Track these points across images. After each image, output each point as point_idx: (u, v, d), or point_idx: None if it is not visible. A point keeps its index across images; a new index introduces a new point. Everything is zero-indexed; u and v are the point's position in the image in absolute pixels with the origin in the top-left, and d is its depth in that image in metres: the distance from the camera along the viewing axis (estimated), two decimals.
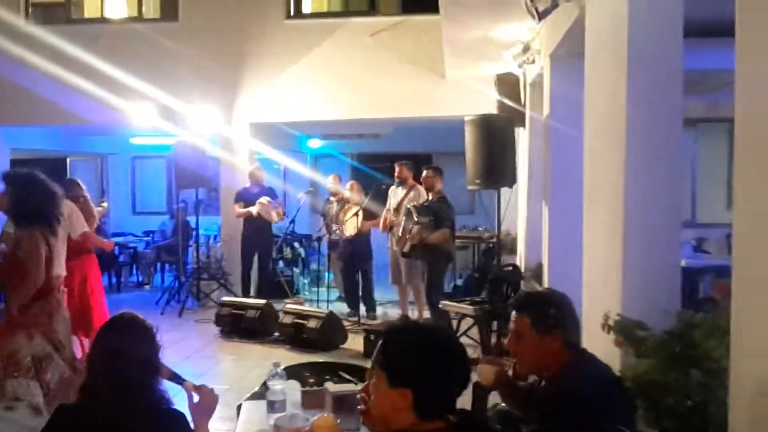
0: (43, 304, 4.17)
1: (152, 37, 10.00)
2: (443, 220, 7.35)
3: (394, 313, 8.78)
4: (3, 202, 4.19)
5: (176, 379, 2.67)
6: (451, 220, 7.45)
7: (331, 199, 9.26)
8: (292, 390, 3.15)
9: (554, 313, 2.60)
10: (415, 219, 7.31)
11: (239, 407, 3.21)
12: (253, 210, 9.16)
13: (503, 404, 3.02)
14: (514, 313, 2.68)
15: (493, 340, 6.44)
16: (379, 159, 12.94)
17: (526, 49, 6.44)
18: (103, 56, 9.63)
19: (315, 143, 13.63)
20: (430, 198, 7.67)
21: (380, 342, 2.02)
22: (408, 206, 7.60)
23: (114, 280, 11.23)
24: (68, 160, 14.03)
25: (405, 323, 2.35)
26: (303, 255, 11.24)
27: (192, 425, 2.50)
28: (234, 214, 9.46)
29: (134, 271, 12.15)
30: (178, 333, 7.92)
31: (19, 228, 4.13)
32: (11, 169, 4.74)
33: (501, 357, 6.21)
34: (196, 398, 2.61)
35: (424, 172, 7.73)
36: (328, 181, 9.48)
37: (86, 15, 10.84)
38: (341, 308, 8.76)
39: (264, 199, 9.19)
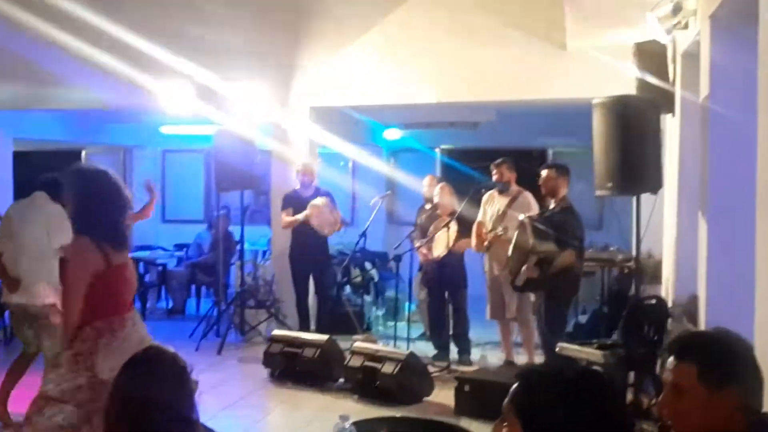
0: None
1: (189, 3, 10.23)
2: (569, 237, 7.25)
3: (495, 356, 8.72)
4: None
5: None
6: (578, 238, 7.35)
7: (427, 207, 9.26)
8: None
9: (731, 362, 2.49)
10: (531, 242, 7.20)
11: None
12: (300, 216, 9.27)
13: None
14: (672, 359, 2.58)
15: (629, 397, 6.32)
16: (478, 155, 12.87)
17: (677, 9, 6.30)
18: (127, 24, 9.90)
19: (394, 134, 13.69)
20: (552, 207, 7.58)
21: (516, 385, 2.05)
22: (523, 218, 7.50)
23: (138, 305, 11.53)
24: (84, 152, 14.53)
25: (550, 365, 2.32)
26: (376, 279, 11.28)
27: None
28: (282, 221, 9.62)
29: (163, 295, 12.47)
30: (217, 375, 8.05)
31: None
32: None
33: (641, 420, 6.09)
34: None
35: (544, 173, 7.63)
36: (424, 184, 9.49)
37: None
38: (426, 349, 8.79)
39: (319, 201, 9.26)
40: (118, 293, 4.30)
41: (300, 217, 9.26)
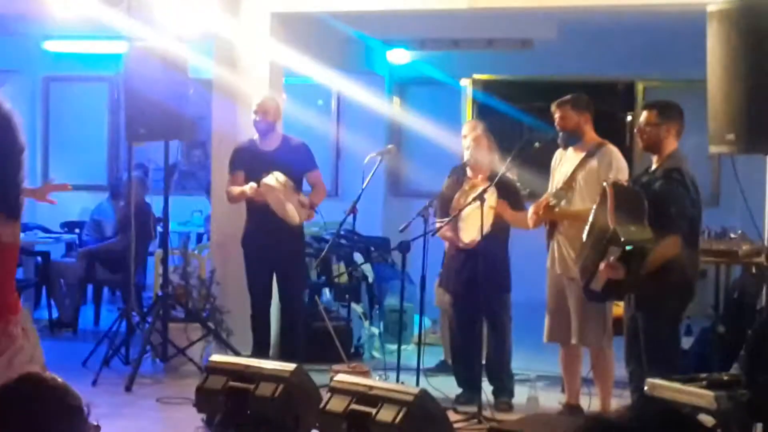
0: None
1: None
2: (674, 216, 7.25)
3: (551, 398, 8.76)
4: None
5: None
6: (689, 217, 7.33)
7: (468, 171, 9.12)
8: None
9: None
10: (617, 222, 7.19)
11: None
12: (246, 189, 9.29)
13: None
14: None
15: None
16: (530, 90, 12.92)
17: None
18: None
19: (401, 57, 13.71)
20: (652, 170, 7.57)
21: None
22: (606, 184, 7.48)
23: None
24: None
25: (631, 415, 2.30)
26: (371, 279, 11.31)
27: None
28: (226, 193, 9.67)
29: (43, 300, 12.46)
30: (125, 422, 8.08)
31: None
32: None
33: None
34: None
35: (643, 116, 7.59)
36: (463, 133, 9.40)
37: None
38: (447, 386, 8.83)
39: (273, 179, 9.18)
40: (4, 284, 4.31)
41: (247, 190, 9.27)
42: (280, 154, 9.40)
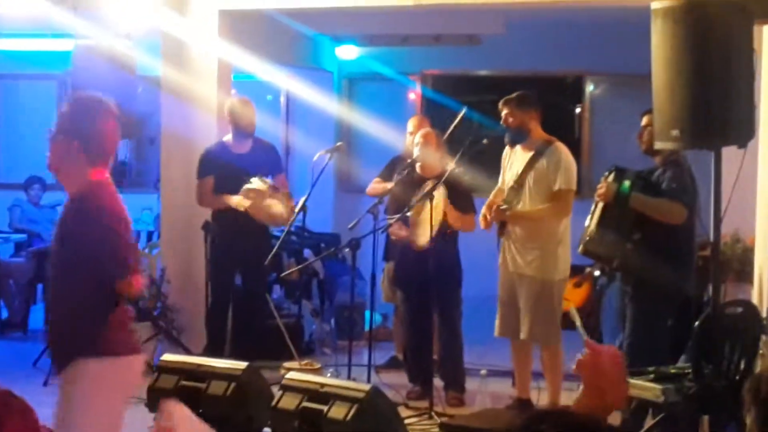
0: None
1: None
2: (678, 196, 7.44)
3: (501, 391, 8.84)
4: None
5: None
6: (689, 205, 7.48)
7: (410, 161, 9.13)
8: None
9: None
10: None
11: None
12: (234, 201, 9.30)
13: None
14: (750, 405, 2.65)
15: None
16: (479, 85, 12.97)
17: None
18: None
19: (349, 53, 13.73)
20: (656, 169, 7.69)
21: None
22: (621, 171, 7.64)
23: None
24: None
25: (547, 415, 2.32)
26: (321, 275, 11.33)
27: None
28: (198, 197, 9.70)
29: None
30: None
31: None
32: None
33: None
34: None
35: (644, 120, 7.68)
36: (408, 129, 9.43)
37: None
38: (398, 382, 8.91)
39: (260, 183, 9.24)
40: None
41: (233, 202, 9.30)
42: (252, 157, 9.50)
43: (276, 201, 9.28)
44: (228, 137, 9.73)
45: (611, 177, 7.62)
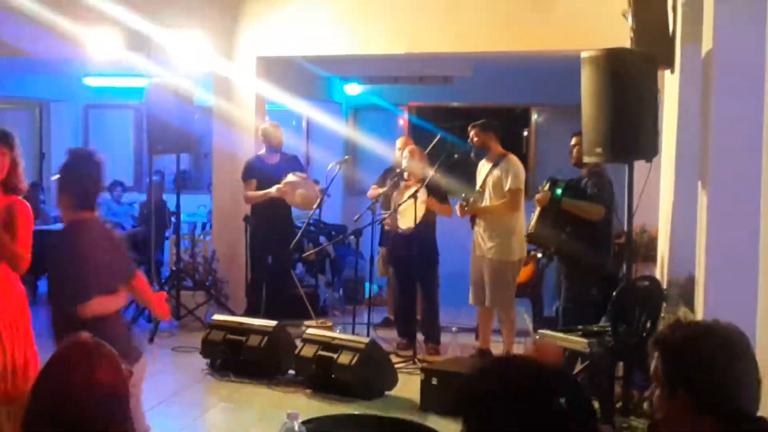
0: None
1: None
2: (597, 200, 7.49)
3: (468, 343, 8.80)
4: None
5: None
6: (607, 205, 7.51)
7: (405, 174, 9.09)
8: None
9: (691, 363, 2.53)
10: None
11: None
12: (273, 190, 9.29)
13: None
14: (657, 354, 2.63)
15: (617, 390, 6.41)
16: (451, 114, 12.95)
17: None
18: None
19: (354, 89, 13.69)
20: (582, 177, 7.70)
21: (461, 386, 2.11)
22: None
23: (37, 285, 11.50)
24: None
25: (498, 361, 2.29)
26: (332, 255, 11.31)
27: None
28: (244, 197, 9.67)
29: None
30: (149, 367, 8.03)
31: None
32: None
33: (629, 417, 6.18)
34: None
35: (574, 140, 7.67)
36: (396, 147, 9.43)
37: None
38: (389, 337, 8.88)
39: (294, 177, 9.26)
40: None
41: (273, 191, 9.29)
42: (280, 165, 9.48)
43: (305, 190, 9.30)
44: (262, 151, 9.72)
45: (546, 186, 7.68)
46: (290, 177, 9.30)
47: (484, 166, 8.50)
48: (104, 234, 4.96)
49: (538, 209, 7.71)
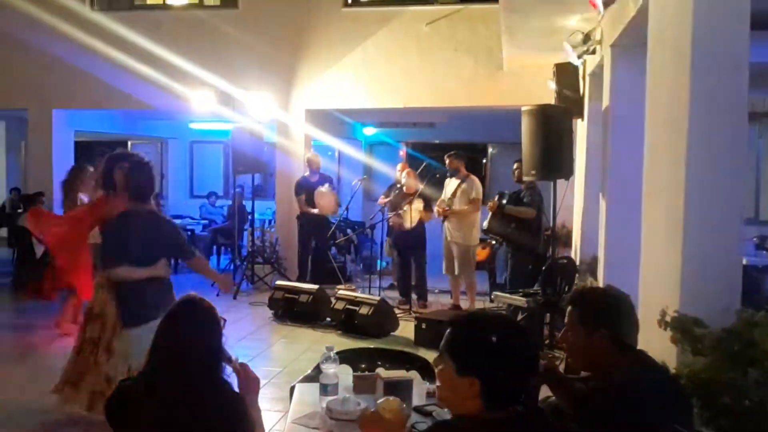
0: None
1: (212, 24, 10.18)
2: (527, 203, 7.53)
3: (446, 302, 8.79)
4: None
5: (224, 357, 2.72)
6: (538, 209, 7.52)
7: (397, 186, 9.07)
8: (345, 374, 3.20)
9: (604, 310, 2.56)
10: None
11: (292, 389, 3.27)
12: (316, 210, 9.33)
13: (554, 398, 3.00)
14: (568, 306, 2.66)
15: (546, 331, 6.41)
16: (434, 148, 12.91)
17: (587, 39, 6.34)
18: (164, 43, 9.85)
19: (370, 131, 13.69)
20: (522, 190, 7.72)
21: (448, 331, 2.05)
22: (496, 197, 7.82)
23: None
24: (129, 143, 14.41)
25: (472, 313, 2.32)
26: (356, 242, 11.32)
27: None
28: (297, 207, 9.64)
29: None
30: (233, 315, 8.07)
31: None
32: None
33: (553, 350, 6.17)
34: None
35: (515, 165, 7.68)
36: (397, 169, 9.30)
37: (148, 1, 11.08)
38: (393, 296, 8.82)
39: (325, 188, 9.27)
40: None
41: (315, 211, 9.33)
42: (319, 182, 9.44)
43: (324, 201, 9.30)
44: (307, 173, 9.68)
45: (496, 198, 7.70)
46: (321, 189, 9.29)
47: (451, 182, 8.41)
48: (149, 221, 4.45)
49: (490, 213, 7.73)
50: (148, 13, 10.67)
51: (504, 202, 7.65)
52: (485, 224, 7.86)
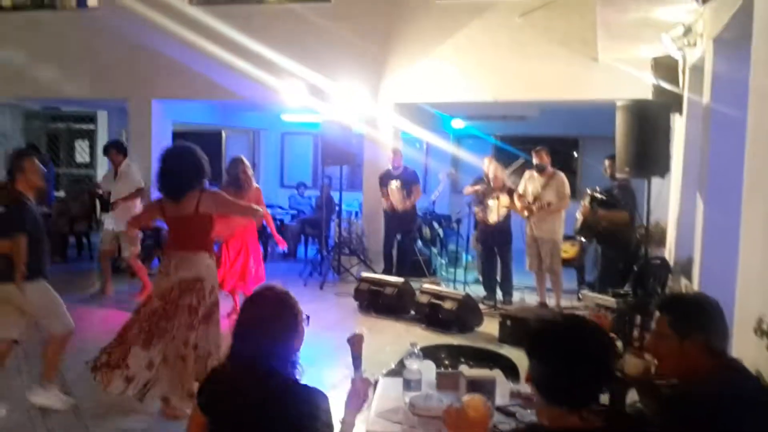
0: None
1: (304, 18, 10.34)
2: (622, 206, 7.38)
3: (531, 299, 8.68)
4: None
5: (356, 362, 2.75)
6: (631, 210, 7.38)
7: (484, 180, 9.05)
8: (428, 370, 3.22)
9: (697, 317, 2.49)
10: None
11: (376, 382, 3.31)
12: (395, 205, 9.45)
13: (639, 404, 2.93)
14: (657, 311, 2.60)
15: (635, 334, 6.25)
16: (523, 141, 12.71)
17: (687, 31, 6.11)
18: (257, 36, 10.09)
19: (458, 123, 13.61)
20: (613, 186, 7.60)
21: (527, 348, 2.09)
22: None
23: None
24: (223, 133, 14.82)
25: (547, 324, 2.25)
26: (442, 235, 11.31)
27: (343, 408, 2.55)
28: (382, 199, 9.74)
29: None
30: (319, 305, 8.22)
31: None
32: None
33: (643, 352, 6.02)
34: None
35: (607, 162, 7.56)
36: (484, 163, 9.29)
37: None
38: (478, 291, 8.78)
39: (394, 185, 9.34)
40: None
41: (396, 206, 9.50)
42: (403, 175, 9.50)
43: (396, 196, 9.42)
44: (390, 166, 9.75)
45: (587, 200, 7.57)
46: (390, 184, 9.42)
47: (536, 178, 8.30)
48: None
49: (581, 218, 7.60)
50: (242, 8, 10.94)
51: (596, 202, 7.50)
52: (577, 227, 7.75)
